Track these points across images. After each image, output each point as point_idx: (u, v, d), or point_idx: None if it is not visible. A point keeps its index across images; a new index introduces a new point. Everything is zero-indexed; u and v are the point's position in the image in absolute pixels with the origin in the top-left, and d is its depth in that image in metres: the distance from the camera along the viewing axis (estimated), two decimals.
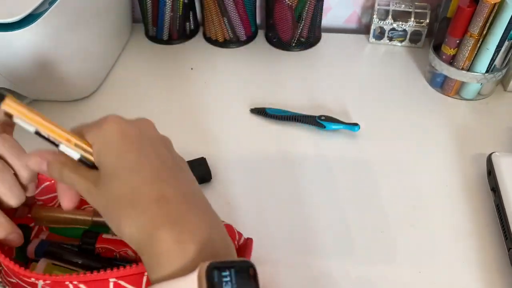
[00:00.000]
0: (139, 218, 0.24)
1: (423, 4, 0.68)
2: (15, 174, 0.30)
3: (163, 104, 0.61)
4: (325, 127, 0.55)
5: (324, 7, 0.68)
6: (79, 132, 0.29)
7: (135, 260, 0.33)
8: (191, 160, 0.49)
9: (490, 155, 0.49)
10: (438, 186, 0.50)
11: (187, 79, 0.65)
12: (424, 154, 0.54)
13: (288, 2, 0.63)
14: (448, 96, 0.61)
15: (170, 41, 0.71)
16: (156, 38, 0.71)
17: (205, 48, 0.71)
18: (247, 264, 0.24)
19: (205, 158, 0.50)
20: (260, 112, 0.58)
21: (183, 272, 0.23)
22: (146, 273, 0.30)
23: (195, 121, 0.58)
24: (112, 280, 0.30)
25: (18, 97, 0.58)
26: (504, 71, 0.58)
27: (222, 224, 0.28)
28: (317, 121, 0.55)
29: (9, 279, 0.35)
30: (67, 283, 0.30)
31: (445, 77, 0.60)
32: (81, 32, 0.56)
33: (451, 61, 0.58)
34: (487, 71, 0.57)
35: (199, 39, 0.72)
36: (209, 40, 0.71)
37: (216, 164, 0.52)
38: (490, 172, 0.47)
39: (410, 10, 0.67)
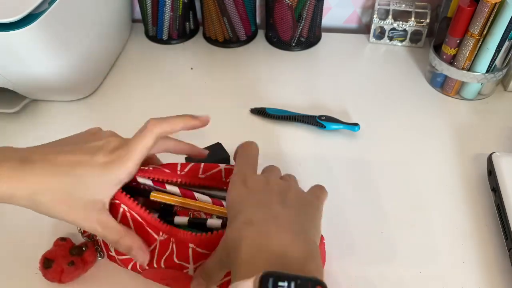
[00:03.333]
0: (230, 231, 0.31)
1: (424, 3, 0.68)
2: None
3: (163, 104, 0.61)
4: (325, 127, 0.55)
5: (324, 7, 0.68)
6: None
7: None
8: (209, 146, 0.49)
9: (490, 155, 0.49)
10: (438, 186, 0.50)
11: (187, 79, 0.65)
12: (424, 154, 0.53)
13: (288, 1, 0.63)
14: (449, 96, 0.61)
15: (170, 41, 0.71)
16: (156, 38, 0.71)
17: (205, 48, 0.71)
18: (314, 281, 0.25)
19: (220, 143, 0.50)
20: (260, 112, 0.58)
21: (248, 274, 0.26)
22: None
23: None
24: (191, 246, 0.35)
25: (18, 97, 0.58)
26: (504, 71, 0.58)
27: (314, 249, 0.30)
28: (317, 121, 0.55)
29: (109, 253, 0.40)
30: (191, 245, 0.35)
31: (446, 77, 0.60)
32: (80, 32, 0.56)
33: (452, 61, 0.58)
34: (487, 71, 0.57)
35: (199, 39, 0.72)
36: (209, 40, 0.71)
37: None
38: (491, 172, 0.47)
39: (411, 9, 0.67)
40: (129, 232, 0.35)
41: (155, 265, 0.36)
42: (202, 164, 0.40)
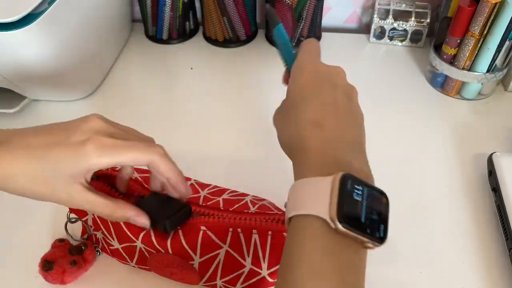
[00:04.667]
0: (294, 130, 0.31)
1: (424, 3, 0.68)
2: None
3: (163, 103, 0.61)
4: None
5: (324, 6, 0.68)
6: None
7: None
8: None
9: (491, 155, 0.49)
10: (438, 186, 0.50)
11: (187, 79, 0.65)
12: (424, 154, 0.53)
13: (288, 1, 0.63)
14: (449, 96, 0.61)
15: (169, 40, 0.71)
16: (155, 38, 0.71)
17: (205, 48, 0.71)
18: (380, 192, 0.28)
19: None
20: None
21: (322, 174, 0.27)
22: (230, 229, 0.35)
23: (195, 121, 0.58)
24: (202, 228, 0.35)
25: (18, 97, 0.58)
26: (505, 71, 0.58)
27: (367, 164, 0.32)
28: None
29: (110, 248, 0.40)
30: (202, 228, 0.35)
31: (446, 76, 0.60)
32: (80, 32, 0.55)
33: (452, 60, 0.58)
34: (487, 71, 0.57)
35: (199, 38, 0.72)
36: (209, 39, 0.71)
37: (216, 164, 0.52)
38: (491, 172, 0.47)
39: (411, 9, 0.67)
40: (119, 203, 0.33)
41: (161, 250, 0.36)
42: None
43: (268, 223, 0.34)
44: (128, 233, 0.37)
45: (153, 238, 0.36)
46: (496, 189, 0.46)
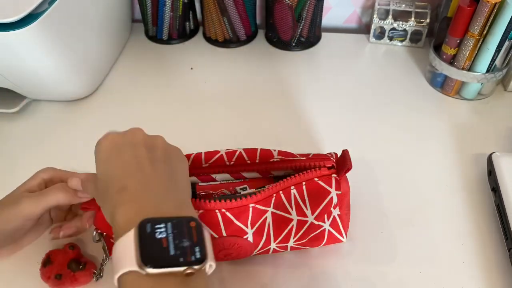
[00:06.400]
0: (108, 207, 0.32)
1: (424, 3, 0.68)
2: None
3: (163, 103, 0.61)
4: None
5: (324, 6, 0.68)
6: None
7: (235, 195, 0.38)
8: None
9: (490, 155, 0.49)
10: (438, 186, 0.50)
11: (187, 79, 0.65)
12: (424, 154, 0.53)
13: (288, 1, 0.63)
14: (449, 96, 0.61)
15: (170, 40, 0.71)
16: (156, 38, 0.71)
17: (205, 48, 0.71)
18: (188, 219, 0.29)
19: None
20: None
21: (128, 230, 0.28)
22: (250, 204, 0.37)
23: (195, 121, 0.58)
24: (251, 205, 0.37)
25: (18, 97, 0.58)
26: (504, 71, 0.58)
27: (185, 198, 0.33)
28: None
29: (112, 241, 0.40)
30: (216, 211, 0.36)
31: (446, 77, 0.60)
32: (80, 32, 0.56)
33: (452, 60, 0.58)
34: (487, 71, 0.57)
35: (199, 38, 0.72)
36: (209, 40, 0.71)
37: None
38: (491, 172, 0.47)
39: (411, 9, 0.67)
40: (57, 191, 0.38)
41: None
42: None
43: (300, 176, 0.38)
44: None
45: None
46: (495, 189, 0.46)
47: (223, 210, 0.37)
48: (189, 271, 0.27)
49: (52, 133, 0.57)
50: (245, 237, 0.38)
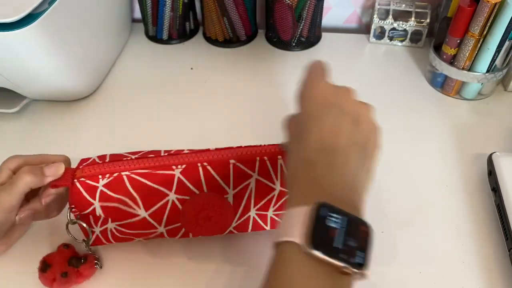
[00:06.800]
0: (295, 158, 0.32)
1: (424, 3, 0.68)
2: None
3: (163, 103, 0.61)
4: None
5: (324, 6, 0.68)
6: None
7: None
8: None
9: (490, 155, 0.49)
10: (438, 186, 0.50)
11: (187, 79, 0.65)
12: (424, 154, 0.53)
13: (288, 1, 0.63)
14: (449, 96, 0.61)
15: (170, 40, 0.71)
16: (156, 38, 0.71)
17: (205, 48, 0.71)
18: (362, 222, 0.29)
19: None
20: None
21: (307, 204, 0.28)
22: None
23: (195, 121, 0.58)
24: (232, 161, 0.39)
25: (18, 97, 0.58)
26: (504, 71, 0.58)
27: (360, 193, 0.33)
28: None
29: (128, 230, 0.40)
30: (198, 165, 0.38)
31: (446, 77, 0.60)
32: (80, 32, 0.56)
33: (452, 61, 0.58)
34: (487, 71, 0.57)
35: (199, 38, 0.72)
36: (209, 39, 0.71)
37: None
38: (491, 172, 0.47)
39: (411, 9, 0.67)
40: (20, 184, 0.37)
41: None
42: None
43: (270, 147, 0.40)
44: (161, 188, 0.38)
45: (187, 183, 0.38)
46: (495, 189, 0.46)
47: (205, 164, 0.38)
48: (346, 270, 0.27)
49: (52, 133, 0.57)
50: (225, 196, 0.39)
